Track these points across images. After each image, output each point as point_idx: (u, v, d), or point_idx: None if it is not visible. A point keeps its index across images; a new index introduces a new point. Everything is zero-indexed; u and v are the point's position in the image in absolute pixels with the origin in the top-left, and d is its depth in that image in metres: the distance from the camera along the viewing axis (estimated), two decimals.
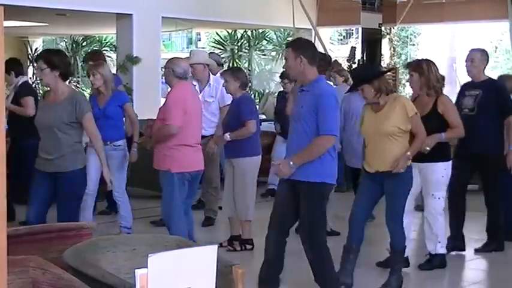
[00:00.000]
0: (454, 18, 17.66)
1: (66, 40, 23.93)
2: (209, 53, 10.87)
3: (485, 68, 8.17)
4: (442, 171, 7.21)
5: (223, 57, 20.72)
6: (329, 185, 5.97)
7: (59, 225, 5.13)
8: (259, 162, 8.15)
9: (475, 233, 8.72)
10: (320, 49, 16.91)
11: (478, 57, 8.08)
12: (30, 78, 19.44)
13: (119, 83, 10.06)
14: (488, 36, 28.51)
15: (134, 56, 14.16)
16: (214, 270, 2.91)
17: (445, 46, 27.23)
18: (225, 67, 20.15)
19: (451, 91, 9.43)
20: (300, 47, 5.98)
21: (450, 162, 7.29)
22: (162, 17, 14.75)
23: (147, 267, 2.65)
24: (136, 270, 2.67)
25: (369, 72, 6.96)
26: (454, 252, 8.02)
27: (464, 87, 8.23)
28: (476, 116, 7.94)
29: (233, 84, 7.91)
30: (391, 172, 6.44)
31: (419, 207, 8.44)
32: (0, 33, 2.01)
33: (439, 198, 7.26)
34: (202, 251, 2.94)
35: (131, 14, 14.23)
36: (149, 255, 2.66)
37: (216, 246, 2.93)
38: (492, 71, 27.62)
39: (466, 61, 8.11)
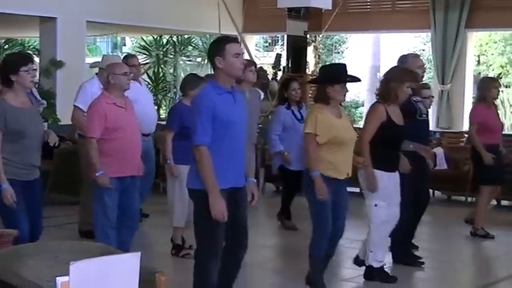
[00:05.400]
0: (378, 28, 17.87)
1: None
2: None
3: None
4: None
5: (148, 63, 20.61)
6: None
7: None
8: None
9: None
10: (246, 56, 16.99)
11: None
12: None
13: None
14: (411, 45, 28.95)
15: (58, 60, 13.99)
16: (138, 278, 2.88)
17: (369, 55, 27.54)
18: (150, 73, 20.12)
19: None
20: None
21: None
22: (87, 21, 14.61)
23: (68, 275, 2.62)
24: (57, 278, 2.63)
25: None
26: None
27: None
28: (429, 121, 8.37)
29: None
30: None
31: None
32: None
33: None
34: (125, 259, 2.92)
35: (55, 18, 14.06)
36: (71, 262, 2.63)
37: (139, 254, 2.90)
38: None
39: (420, 66, 8.19)
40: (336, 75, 6.60)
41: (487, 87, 9.62)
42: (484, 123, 9.46)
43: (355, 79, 6.94)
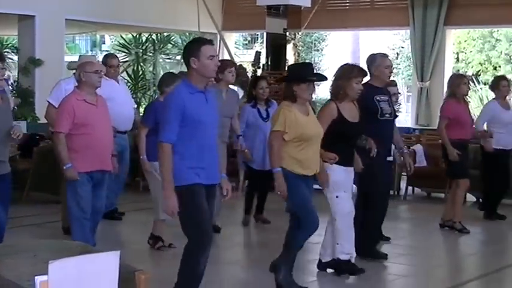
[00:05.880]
0: (357, 25, 17.92)
1: None
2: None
3: None
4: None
5: (127, 61, 20.53)
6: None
7: None
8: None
9: None
10: (225, 54, 16.98)
11: None
12: None
13: None
14: (390, 43, 29.04)
15: (37, 58, 13.93)
16: (117, 276, 2.88)
17: (348, 52, 27.62)
18: (130, 71, 20.06)
19: None
20: None
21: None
22: (66, 19, 14.55)
23: (47, 274, 2.61)
24: (36, 277, 2.62)
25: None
26: None
27: (371, 93, 8.08)
28: (394, 121, 8.33)
29: None
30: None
31: None
32: None
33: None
34: (104, 257, 2.91)
35: (34, 16, 13.99)
36: (50, 261, 2.62)
37: (118, 252, 2.90)
38: (393, 77, 28.18)
39: (387, 66, 8.24)
40: (302, 74, 6.73)
41: (456, 84, 9.79)
42: (455, 118, 9.63)
43: (322, 78, 7.12)
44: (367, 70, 8.14)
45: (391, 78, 9.00)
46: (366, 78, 7.72)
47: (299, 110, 6.62)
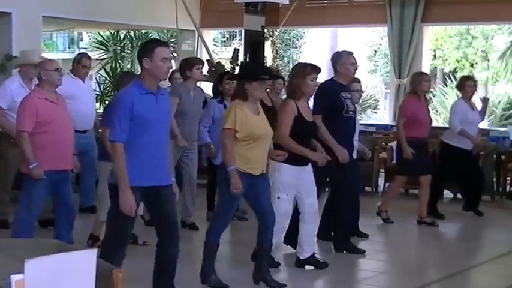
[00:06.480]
0: (335, 22, 17.93)
1: None
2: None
3: None
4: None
5: (105, 58, 20.46)
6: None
7: None
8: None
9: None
10: (203, 51, 16.96)
11: None
12: None
13: None
14: (368, 40, 29.12)
15: (13, 55, 13.84)
16: (94, 275, 2.87)
17: (326, 49, 27.63)
18: (107, 68, 19.98)
19: None
20: None
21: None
22: (43, 16, 14.47)
23: (23, 272, 2.59)
24: (12, 276, 2.60)
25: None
26: None
27: (338, 90, 8.23)
28: (356, 119, 8.43)
29: None
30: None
31: None
32: None
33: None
34: (81, 255, 2.90)
35: (10, 13, 13.90)
36: (25, 260, 2.60)
37: (95, 250, 2.89)
38: (371, 75, 28.30)
39: (353, 64, 8.29)
40: (254, 72, 6.85)
41: (418, 82, 9.95)
42: (413, 116, 9.75)
43: (274, 76, 7.15)
44: (332, 67, 8.32)
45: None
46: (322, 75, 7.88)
47: (250, 108, 6.65)
